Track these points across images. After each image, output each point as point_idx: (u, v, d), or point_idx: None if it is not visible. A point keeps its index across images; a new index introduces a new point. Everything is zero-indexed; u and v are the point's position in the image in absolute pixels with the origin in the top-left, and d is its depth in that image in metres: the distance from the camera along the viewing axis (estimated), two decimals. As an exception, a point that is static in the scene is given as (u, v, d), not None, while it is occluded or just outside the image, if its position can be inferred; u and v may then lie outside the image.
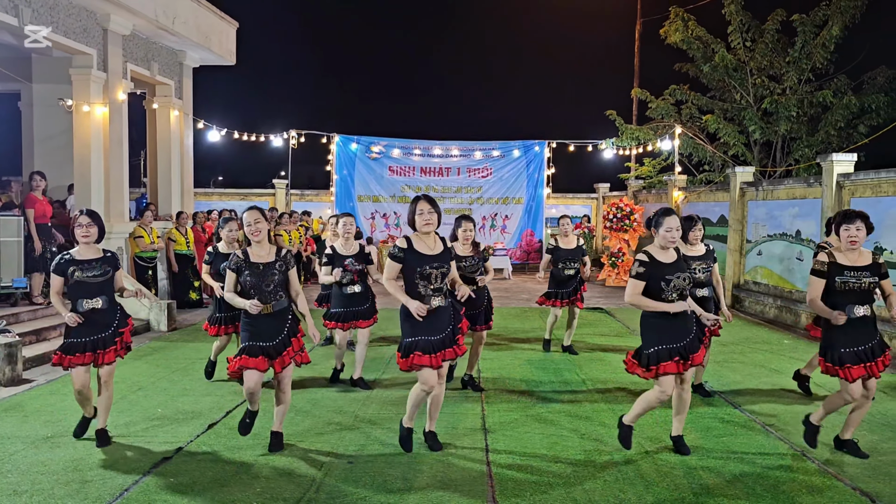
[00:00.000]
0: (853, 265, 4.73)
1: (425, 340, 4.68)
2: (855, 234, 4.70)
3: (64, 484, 4.41)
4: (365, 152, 18.57)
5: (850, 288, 4.71)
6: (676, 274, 4.68)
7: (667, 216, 4.75)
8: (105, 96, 10.73)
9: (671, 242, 4.72)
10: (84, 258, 4.99)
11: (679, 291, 4.69)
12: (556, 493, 4.28)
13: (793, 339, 9.55)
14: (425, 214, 4.71)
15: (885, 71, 15.04)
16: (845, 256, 4.78)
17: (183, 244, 12.03)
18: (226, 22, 14.04)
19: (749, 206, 12.16)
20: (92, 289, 4.97)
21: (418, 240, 4.77)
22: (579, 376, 7.26)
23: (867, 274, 4.71)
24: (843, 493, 4.32)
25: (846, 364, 4.73)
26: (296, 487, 4.36)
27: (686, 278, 4.72)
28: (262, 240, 4.85)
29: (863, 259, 4.77)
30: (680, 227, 4.76)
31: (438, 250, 4.75)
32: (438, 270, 4.68)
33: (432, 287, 4.69)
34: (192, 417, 5.81)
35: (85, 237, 4.98)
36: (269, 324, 4.81)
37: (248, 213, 4.84)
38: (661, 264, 4.69)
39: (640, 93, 17.96)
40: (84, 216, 5.05)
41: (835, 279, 4.73)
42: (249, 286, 4.77)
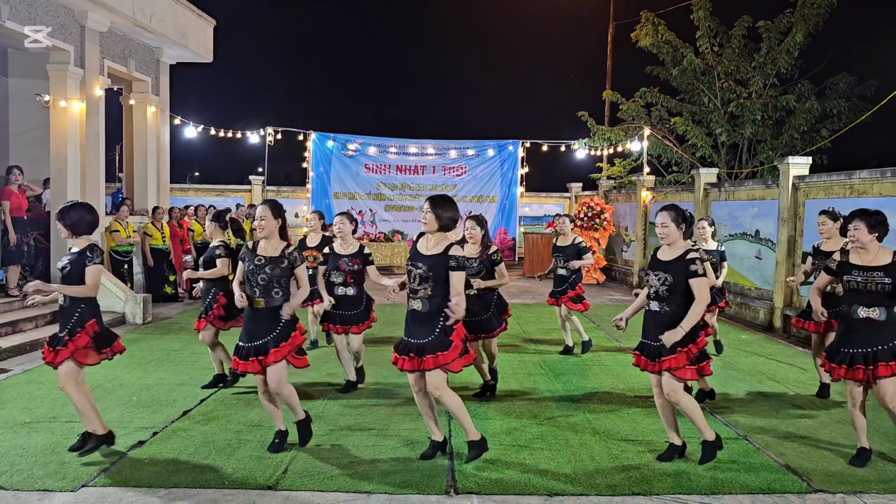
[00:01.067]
0: (864, 265, 4.61)
1: (403, 341, 4.64)
2: (852, 234, 4.68)
3: (42, 465, 4.61)
4: (341, 150, 18.77)
5: (854, 287, 4.61)
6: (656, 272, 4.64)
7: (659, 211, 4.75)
8: (82, 92, 10.83)
9: (661, 238, 4.68)
10: (70, 251, 4.92)
11: (654, 290, 4.62)
12: (512, 474, 4.56)
13: (750, 333, 9.94)
14: (423, 213, 4.59)
15: (847, 77, 15.56)
16: (858, 256, 4.69)
17: (158, 239, 12.16)
18: (203, 20, 14.16)
19: (712, 207, 12.56)
20: (60, 282, 4.89)
21: (423, 238, 4.69)
22: (544, 371, 7.55)
23: (880, 275, 4.53)
24: (777, 472, 4.65)
25: (834, 363, 4.70)
26: (265, 468, 4.60)
27: (662, 278, 4.57)
28: (267, 235, 4.85)
29: (878, 259, 4.61)
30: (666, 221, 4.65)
31: (432, 252, 4.53)
32: (416, 271, 4.50)
33: (411, 287, 4.57)
34: (166, 405, 6.01)
35: (62, 233, 4.93)
36: (261, 321, 4.77)
37: (258, 208, 4.88)
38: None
39: (611, 95, 18.35)
40: (57, 213, 4.93)
41: (843, 277, 4.71)
42: (247, 277, 4.81)
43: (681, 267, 4.53)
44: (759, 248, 11.01)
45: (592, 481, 4.47)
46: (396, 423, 5.57)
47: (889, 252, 4.64)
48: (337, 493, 4.25)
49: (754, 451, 5.06)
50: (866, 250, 4.66)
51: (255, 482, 4.38)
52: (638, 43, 16.82)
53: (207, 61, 14.79)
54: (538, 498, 4.24)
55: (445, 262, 4.47)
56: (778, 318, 10.09)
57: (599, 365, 7.76)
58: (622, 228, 16.96)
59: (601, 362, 7.89)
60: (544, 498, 4.24)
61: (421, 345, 4.51)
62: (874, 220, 4.66)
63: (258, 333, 4.76)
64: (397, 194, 19.02)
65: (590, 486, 4.41)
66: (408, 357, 4.53)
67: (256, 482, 4.38)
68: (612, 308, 11.89)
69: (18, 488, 4.26)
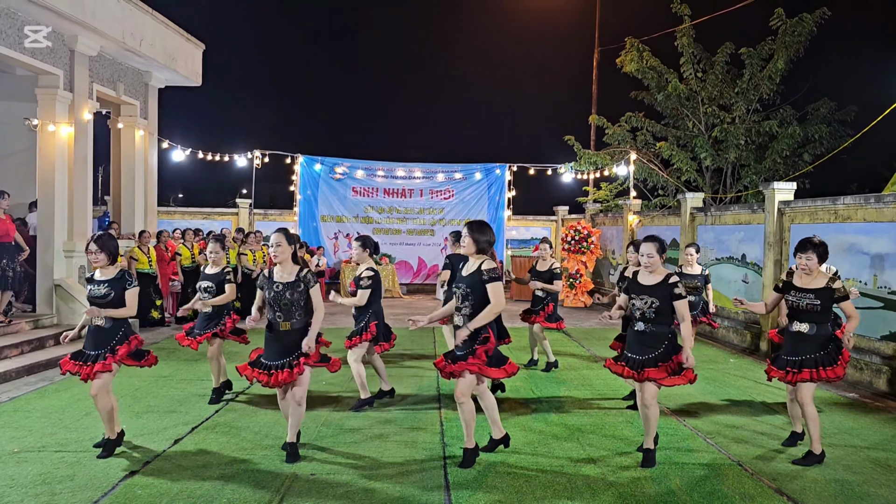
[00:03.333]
0: (802, 287, 5.33)
1: (451, 351, 5.17)
2: (805, 263, 5.31)
3: (33, 497, 4.54)
4: (329, 173, 18.80)
5: (792, 305, 5.37)
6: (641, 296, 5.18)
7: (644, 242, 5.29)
8: (71, 116, 10.80)
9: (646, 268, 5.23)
10: (97, 278, 5.34)
11: (640, 312, 5.17)
12: (507, 490, 4.55)
13: (738, 357, 10.01)
14: (462, 238, 5.12)
15: (828, 103, 15.84)
16: (801, 279, 5.38)
17: (145, 263, 12.07)
18: (192, 44, 14.20)
19: (699, 231, 12.69)
20: (98, 307, 5.26)
21: (466, 261, 5.23)
22: (533, 390, 7.56)
23: (811, 297, 5.26)
24: (771, 499, 4.68)
25: (771, 365, 5.57)
26: (264, 494, 4.56)
27: (648, 301, 5.11)
28: (283, 261, 5.19)
29: (815, 283, 5.31)
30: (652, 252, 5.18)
31: (470, 272, 5.07)
32: (459, 291, 5.05)
33: (457, 305, 5.09)
34: (156, 433, 5.95)
35: (95, 263, 5.32)
36: (282, 342, 5.16)
37: (274, 235, 5.23)
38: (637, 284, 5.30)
39: (597, 119, 18.54)
40: (92, 243, 5.31)
41: (786, 296, 5.44)
42: (270, 303, 5.17)
43: (665, 291, 5.11)
44: (746, 272, 11.12)
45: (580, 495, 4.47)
46: (391, 438, 5.54)
47: (825, 277, 5.34)
48: (334, 523, 4.22)
49: (748, 476, 5.09)
50: (809, 275, 5.35)
51: (250, 512, 4.34)
52: (623, 68, 17.03)
53: (196, 85, 14.81)
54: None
55: (479, 276, 4.98)
56: (765, 342, 10.17)
57: (582, 379, 7.78)
58: (609, 252, 17.07)
59: (585, 377, 7.90)
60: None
61: (457, 356, 5.06)
62: (822, 250, 5.33)
63: (287, 351, 5.15)
64: (385, 217, 19.05)
65: (587, 513, 4.41)
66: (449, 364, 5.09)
67: (252, 512, 4.34)
68: (599, 331, 11.94)
69: (9, 521, 4.20)
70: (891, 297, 7.92)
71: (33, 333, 9.50)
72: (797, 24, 14.82)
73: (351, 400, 7.02)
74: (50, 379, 8.03)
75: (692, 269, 8.39)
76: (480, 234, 5.05)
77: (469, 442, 5.17)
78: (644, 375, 5.10)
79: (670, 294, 5.09)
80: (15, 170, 11.98)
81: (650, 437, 5.28)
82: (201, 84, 14.88)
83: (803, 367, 5.31)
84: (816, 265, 5.32)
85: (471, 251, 5.07)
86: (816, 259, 5.30)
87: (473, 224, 5.15)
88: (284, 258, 5.19)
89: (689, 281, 8.13)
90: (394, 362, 8.96)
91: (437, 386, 7.79)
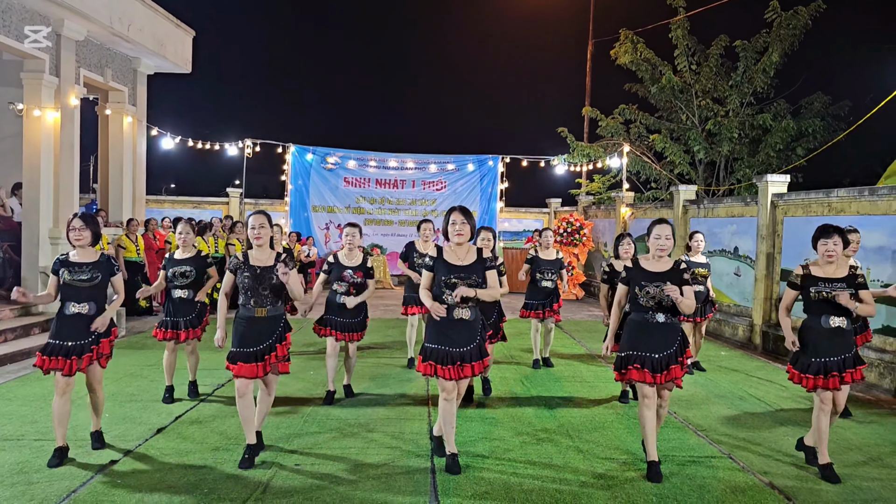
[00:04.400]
0: (828, 277, 4.83)
1: (443, 350, 4.70)
2: (833, 249, 4.81)
3: (9, 486, 4.43)
4: (320, 163, 18.66)
5: (823, 297, 4.80)
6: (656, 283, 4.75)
7: (657, 224, 4.93)
8: (57, 101, 10.63)
9: (660, 251, 4.85)
10: (76, 261, 4.96)
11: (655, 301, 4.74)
12: (496, 492, 4.47)
13: (730, 350, 9.97)
14: (457, 226, 4.72)
15: (821, 97, 15.80)
16: (821, 269, 4.89)
17: (133, 251, 11.93)
18: (182, 30, 14.01)
19: (691, 223, 12.63)
20: (80, 293, 4.92)
21: (449, 250, 4.82)
22: (525, 385, 7.49)
23: (842, 285, 4.77)
24: (762, 492, 4.62)
25: (808, 374, 4.85)
26: (243, 488, 4.47)
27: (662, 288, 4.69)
28: (263, 244, 4.91)
29: (840, 271, 4.85)
30: (669, 234, 4.89)
31: (468, 261, 4.75)
32: (464, 282, 4.67)
33: (458, 298, 4.68)
34: (139, 423, 5.85)
35: (77, 240, 4.95)
36: (260, 328, 4.87)
37: (254, 216, 4.92)
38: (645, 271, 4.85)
39: (590, 111, 18.46)
40: (77, 219, 4.99)
41: (809, 290, 4.86)
42: (246, 288, 4.86)
43: (678, 277, 4.77)
44: (738, 265, 11.07)
45: (576, 498, 4.40)
46: (377, 435, 5.46)
47: (847, 264, 4.91)
48: (317, 514, 4.13)
49: (739, 469, 5.03)
50: (832, 264, 4.86)
51: (232, 501, 4.25)
52: (617, 60, 16.94)
53: (186, 72, 14.63)
54: (523, 518, 4.15)
55: (482, 265, 4.73)
56: (757, 335, 10.14)
57: (577, 377, 7.71)
58: (601, 244, 17.02)
59: (580, 375, 7.84)
60: (529, 518, 4.16)
61: (463, 353, 4.69)
62: (846, 236, 4.88)
63: (260, 339, 4.86)
64: (377, 208, 18.94)
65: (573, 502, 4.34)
66: (452, 366, 4.66)
67: (234, 501, 4.25)
68: (592, 323, 11.89)
69: (-16, 510, 4.10)
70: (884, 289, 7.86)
71: (18, 321, 9.36)
72: (792, 17, 14.76)
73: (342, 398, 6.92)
74: (33, 367, 7.89)
75: (697, 256, 8.06)
76: (472, 219, 4.77)
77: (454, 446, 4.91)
78: (670, 376, 4.70)
79: (681, 280, 4.76)
80: (1, 156, 11.81)
81: (655, 445, 4.85)
82: (191, 71, 14.70)
83: (846, 368, 4.80)
84: (842, 251, 4.86)
85: (467, 238, 4.74)
86: (842, 245, 4.85)
87: (465, 210, 4.79)
88: (265, 241, 4.91)
89: (699, 268, 7.83)
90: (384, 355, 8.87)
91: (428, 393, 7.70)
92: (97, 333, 4.95)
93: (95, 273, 4.95)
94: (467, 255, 4.78)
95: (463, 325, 4.72)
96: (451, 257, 4.78)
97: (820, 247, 4.86)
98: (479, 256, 4.79)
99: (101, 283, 4.99)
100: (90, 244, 5.02)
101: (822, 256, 4.87)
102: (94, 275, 4.94)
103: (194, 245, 6.72)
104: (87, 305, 4.93)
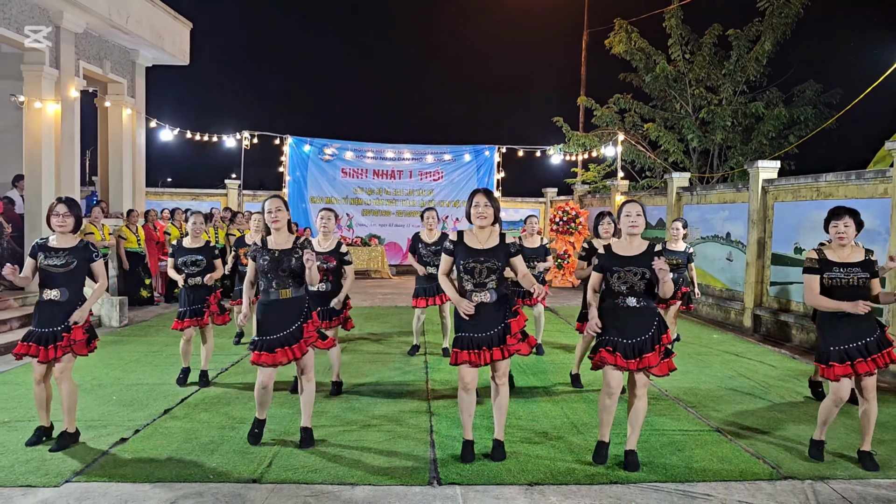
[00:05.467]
0: (843, 261, 4.66)
1: (468, 337, 4.60)
2: (843, 230, 4.63)
3: (24, 462, 4.60)
4: (318, 154, 18.79)
5: (838, 284, 4.63)
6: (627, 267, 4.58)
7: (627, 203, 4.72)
8: (57, 93, 10.76)
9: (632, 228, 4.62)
10: (54, 246, 4.89)
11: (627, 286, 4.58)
12: (493, 465, 4.66)
13: (721, 333, 10.17)
14: (480, 208, 4.60)
15: (813, 85, 15.97)
16: (835, 253, 4.71)
17: (134, 242, 12.08)
18: (180, 22, 14.12)
19: (684, 210, 12.81)
20: (55, 279, 4.83)
21: (470, 234, 4.70)
22: (523, 368, 7.67)
23: (858, 270, 4.62)
24: (748, 461, 4.81)
25: (831, 362, 4.64)
26: (250, 462, 4.65)
27: (639, 273, 4.55)
28: (281, 227, 4.89)
29: (854, 255, 4.68)
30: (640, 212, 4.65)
31: (490, 245, 4.62)
32: (483, 265, 4.56)
33: (474, 282, 4.59)
34: (146, 405, 6.01)
35: (60, 226, 4.87)
36: (283, 311, 4.85)
37: (270, 201, 4.91)
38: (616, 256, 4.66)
39: (586, 101, 18.59)
40: (61, 205, 4.89)
41: (823, 276, 4.67)
42: (265, 271, 4.85)
43: (650, 259, 4.53)
44: (730, 251, 11.26)
45: (571, 472, 4.58)
46: (379, 418, 5.65)
47: (861, 249, 4.74)
48: (322, 486, 4.31)
49: (726, 441, 5.22)
50: (845, 247, 4.70)
51: (239, 475, 4.43)
52: (612, 50, 17.08)
53: (184, 64, 14.76)
54: (519, 487, 4.33)
55: (506, 250, 4.61)
56: (748, 318, 10.33)
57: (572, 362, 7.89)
58: (596, 232, 17.16)
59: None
60: (525, 487, 4.34)
61: (491, 336, 4.57)
62: (858, 217, 4.70)
63: (284, 324, 4.84)
64: (374, 199, 19.09)
65: (569, 476, 4.52)
66: (479, 351, 4.55)
67: (241, 475, 4.43)
68: (588, 310, 12.07)
69: (2, 485, 4.26)
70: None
71: (21, 310, 9.51)
72: (784, 6, 14.90)
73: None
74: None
75: (676, 245, 8.18)
76: (495, 202, 4.62)
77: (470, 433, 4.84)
78: (643, 363, 4.51)
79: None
80: (1, 148, 11.94)
81: (636, 436, 4.71)
82: (189, 63, 14.82)
83: (870, 354, 4.58)
84: (854, 233, 4.67)
85: (490, 221, 4.61)
86: (854, 226, 4.65)
87: (489, 192, 4.67)
88: (282, 225, 4.89)
89: (670, 257, 7.91)
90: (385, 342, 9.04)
91: (427, 376, 7.88)
92: (67, 323, 4.82)
93: (71, 259, 4.84)
94: (489, 238, 4.65)
95: (484, 309, 4.58)
96: (472, 241, 4.65)
97: (831, 229, 4.71)
98: (502, 241, 4.64)
99: (76, 269, 4.86)
100: (72, 230, 4.93)
101: (833, 239, 4.72)
102: (68, 260, 4.83)
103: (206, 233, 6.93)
104: (59, 292, 4.82)
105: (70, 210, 4.91)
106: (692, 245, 12.31)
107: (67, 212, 4.89)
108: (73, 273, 4.86)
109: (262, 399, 4.98)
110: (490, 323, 4.59)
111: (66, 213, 4.88)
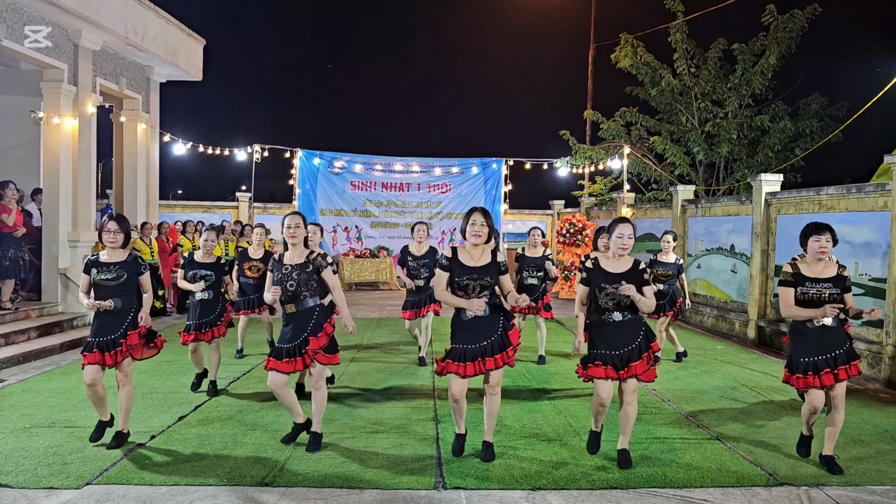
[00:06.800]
0: (815, 276, 4.77)
1: (459, 349, 4.81)
2: (825, 245, 4.73)
3: (46, 465, 4.79)
4: (327, 167, 19.05)
5: (809, 298, 4.75)
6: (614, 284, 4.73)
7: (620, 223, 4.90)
8: (75, 109, 11.04)
9: (621, 249, 4.83)
10: (105, 261, 5.22)
11: (614, 301, 4.76)
12: (497, 470, 4.81)
13: (725, 345, 10.28)
14: (476, 226, 4.77)
15: (818, 98, 16.12)
16: (809, 268, 4.82)
17: (147, 253, 12.31)
18: (193, 39, 14.43)
19: (689, 222, 12.95)
20: (107, 291, 5.16)
21: (464, 251, 4.88)
22: (528, 377, 7.82)
23: (829, 286, 4.73)
24: (746, 468, 4.94)
25: (797, 374, 4.82)
26: (262, 466, 4.82)
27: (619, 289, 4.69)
28: (297, 243, 5.14)
29: (827, 271, 4.79)
30: (631, 233, 4.83)
31: (483, 262, 4.81)
32: (476, 282, 4.75)
33: (468, 298, 4.77)
34: (161, 412, 6.20)
35: (112, 242, 5.19)
36: (293, 324, 5.11)
37: (290, 217, 5.15)
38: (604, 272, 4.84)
39: (592, 114, 18.80)
40: (112, 222, 5.19)
41: (796, 289, 4.80)
42: (276, 284, 5.11)
43: (637, 277, 4.77)
44: (735, 262, 11.38)
45: (573, 477, 4.73)
46: (386, 424, 5.81)
47: (834, 265, 4.86)
48: (331, 490, 4.47)
49: (725, 450, 5.34)
50: (821, 262, 4.81)
51: (252, 479, 4.60)
52: (618, 64, 17.30)
53: (197, 79, 15.05)
54: (522, 492, 4.48)
55: (497, 268, 4.83)
56: (752, 329, 10.44)
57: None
58: (603, 244, 17.29)
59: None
60: (528, 492, 4.48)
61: (484, 347, 4.78)
62: (835, 234, 4.82)
63: (294, 335, 5.10)
64: (383, 211, 19.31)
65: (570, 481, 4.66)
66: (472, 363, 4.76)
67: (253, 479, 4.60)
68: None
69: (25, 486, 4.45)
70: (871, 283, 8.18)
71: (39, 320, 9.75)
72: (788, 20, 15.09)
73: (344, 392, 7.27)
74: (56, 363, 8.30)
75: (667, 257, 8.36)
76: (490, 220, 4.84)
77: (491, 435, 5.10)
78: (631, 372, 4.74)
79: (640, 280, 4.76)
80: (19, 163, 12.20)
81: (628, 437, 4.98)
82: (202, 79, 15.12)
83: (838, 365, 4.73)
84: (831, 249, 4.80)
85: (482, 240, 4.80)
86: (832, 243, 4.77)
87: (485, 210, 4.87)
88: (299, 241, 5.14)
89: (661, 269, 8.24)
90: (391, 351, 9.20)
91: (433, 383, 8.04)
92: (125, 327, 5.17)
93: (121, 272, 5.18)
94: (482, 256, 4.84)
95: (478, 321, 4.79)
96: (466, 258, 4.84)
97: (812, 243, 4.78)
98: (494, 259, 4.85)
99: (126, 282, 5.20)
100: (122, 246, 5.25)
101: (813, 253, 4.79)
102: (119, 274, 5.17)
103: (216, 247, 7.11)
104: (111, 302, 5.15)
105: (120, 226, 5.22)
106: (697, 258, 12.46)
107: (118, 228, 5.20)
108: (123, 285, 5.21)
109: (283, 402, 5.24)
110: (484, 333, 4.80)
111: (117, 230, 5.20)
